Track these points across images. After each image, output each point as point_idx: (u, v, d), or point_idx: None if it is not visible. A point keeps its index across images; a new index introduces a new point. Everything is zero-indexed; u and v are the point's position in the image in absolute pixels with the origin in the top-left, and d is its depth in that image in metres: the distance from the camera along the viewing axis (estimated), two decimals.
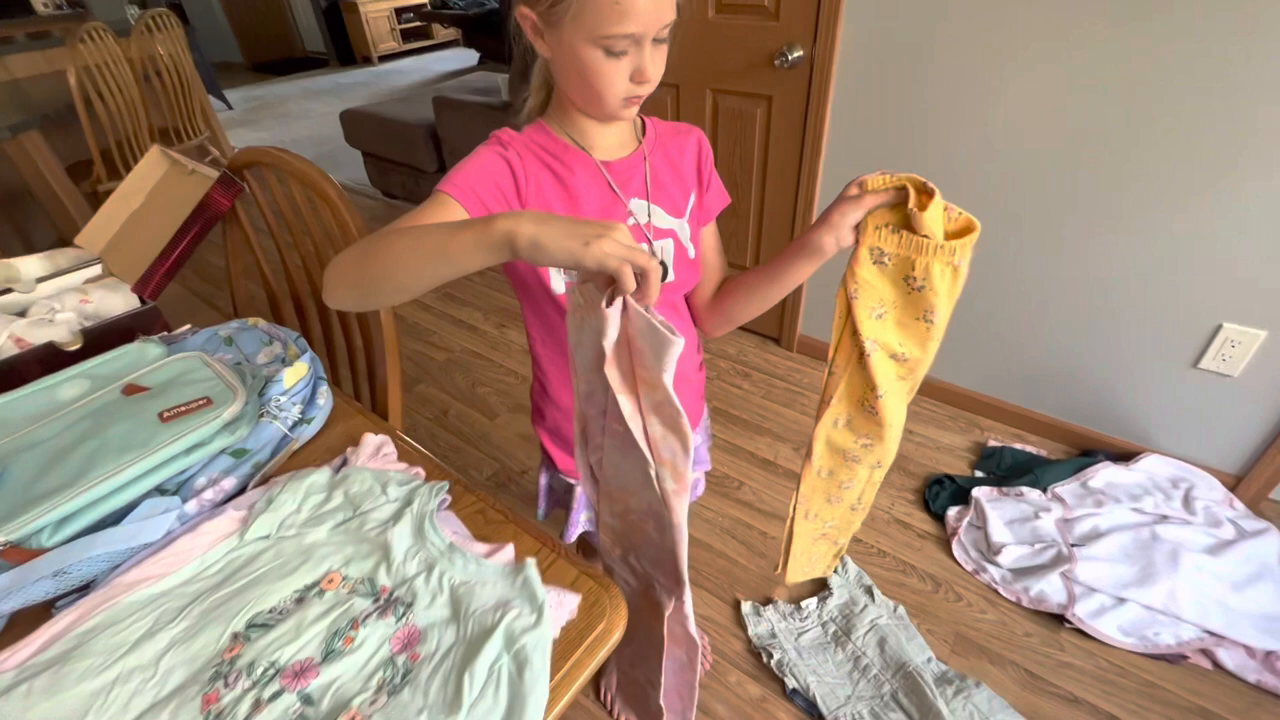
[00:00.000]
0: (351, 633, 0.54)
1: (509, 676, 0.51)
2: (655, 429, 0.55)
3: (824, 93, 1.63)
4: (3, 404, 0.74)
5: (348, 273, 0.55)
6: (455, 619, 0.55)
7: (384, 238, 0.53)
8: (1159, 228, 1.37)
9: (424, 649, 0.54)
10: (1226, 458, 1.52)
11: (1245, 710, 1.17)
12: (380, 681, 0.51)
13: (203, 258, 2.80)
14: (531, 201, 0.66)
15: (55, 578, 0.58)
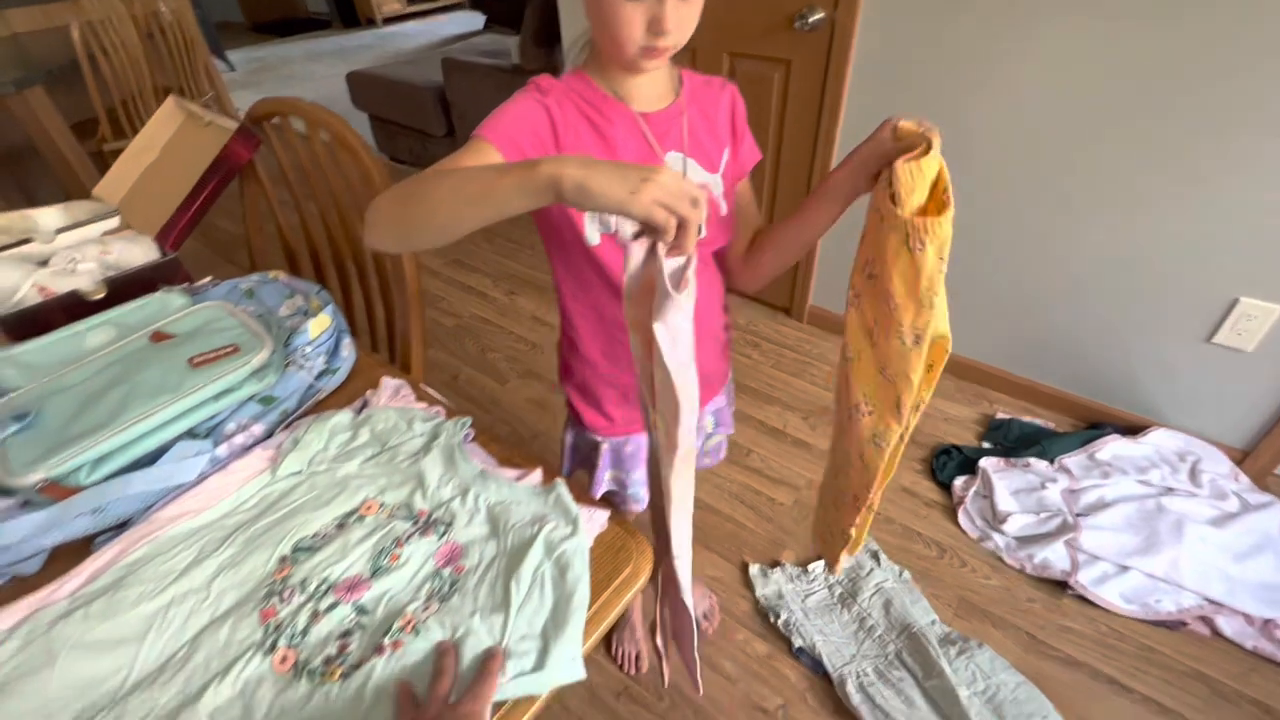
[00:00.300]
0: (396, 550, 0.56)
1: (553, 579, 0.53)
2: (659, 376, 0.55)
3: (844, 57, 1.60)
4: (33, 349, 0.75)
5: (390, 214, 0.56)
6: (494, 535, 0.57)
7: (426, 180, 0.54)
8: (1178, 199, 1.36)
9: (467, 562, 0.56)
10: (1234, 433, 1.53)
11: (1241, 675, 1.19)
12: (429, 591, 0.54)
13: (212, 223, 2.78)
14: (569, 151, 0.65)
15: (94, 514, 0.60)
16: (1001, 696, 1.12)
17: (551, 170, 0.46)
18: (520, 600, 0.52)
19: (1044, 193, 1.51)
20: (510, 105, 0.64)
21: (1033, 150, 1.47)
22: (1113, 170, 1.40)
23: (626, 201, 0.44)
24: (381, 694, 0.47)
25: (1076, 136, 1.41)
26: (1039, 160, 1.48)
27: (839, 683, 1.18)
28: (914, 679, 1.17)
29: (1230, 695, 1.17)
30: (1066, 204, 1.49)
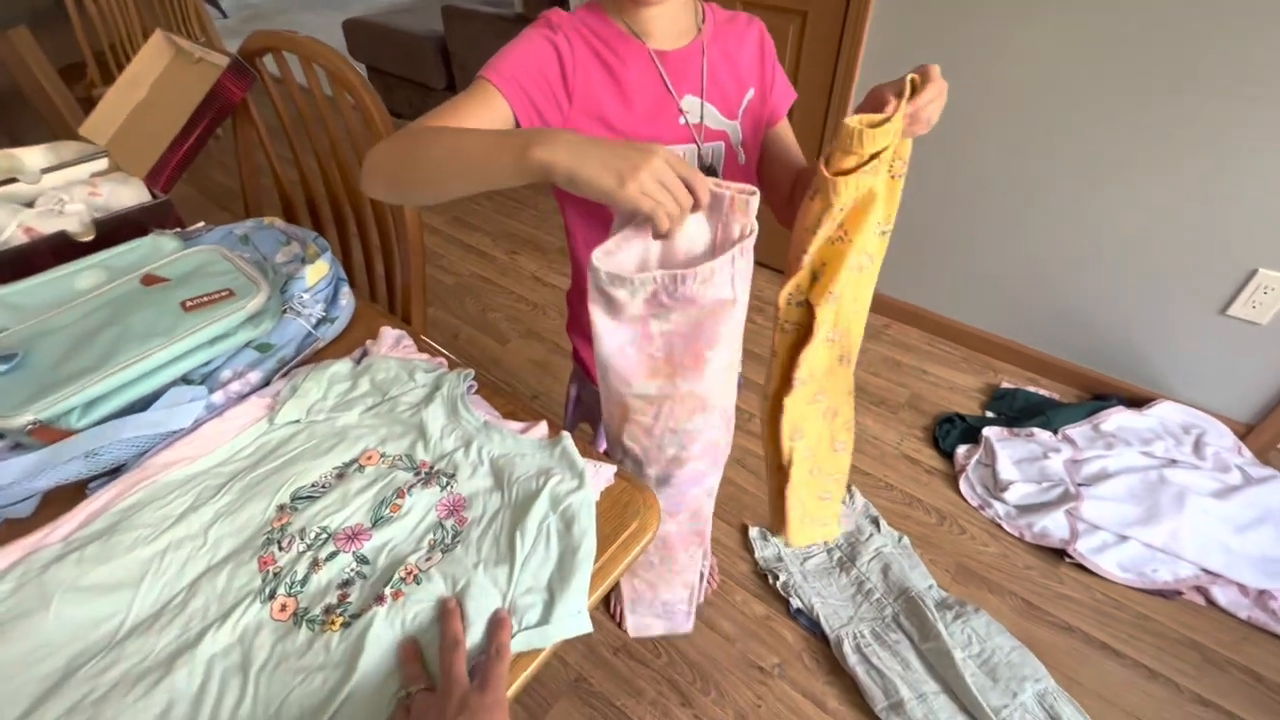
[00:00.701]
0: (398, 500, 0.55)
1: (558, 532, 0.53)
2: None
3: (864, 7, 1.53)
4: (20, 290, 0.72)
5: (386, 169, 0.55)
6: (498, 487, 0.56)
7: (422, 139, 0.53)
8: (1199, 167, 1.31)
9: (470, 514, 0.55)
10: (1241, 407, 1.52)
11: (1233, 644, 1.21)
12: (431, 542, 0.53)
13: (207, 175, 2.72)
14: (579, 95, 0.62)
15: (86, 459, 0.58)
16: (996, 659, 1.13)
17: (544, 157, 0.45)
18: (525, 553, 0.51)
19: (1057, 158, 1.46)
20: (518, 44, 0.60)
21: (1047, 110, 1.42)
22: (1131, 136, 1.36)
23: (614, 192, 0.44)
24: (382, 644, 0.46)
25: (1093, 99, 1.36)
26: (1053, 121, 1.43)
27: (836, 644, 1.19)
28: (910, 641, 1.18)
29: (1221, 662, 1.18)
30: (1081, 171, 1.45)
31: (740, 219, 0.52)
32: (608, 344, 0.55)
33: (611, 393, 0.60)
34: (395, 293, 1.00)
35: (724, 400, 0.64)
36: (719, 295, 0.53)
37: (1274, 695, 1.14)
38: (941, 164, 1.62)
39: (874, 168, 0.55)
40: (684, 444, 0.65)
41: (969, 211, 1.65)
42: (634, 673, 1.19)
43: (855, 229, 0.60)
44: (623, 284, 0.51)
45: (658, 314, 0.54)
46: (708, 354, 0.57)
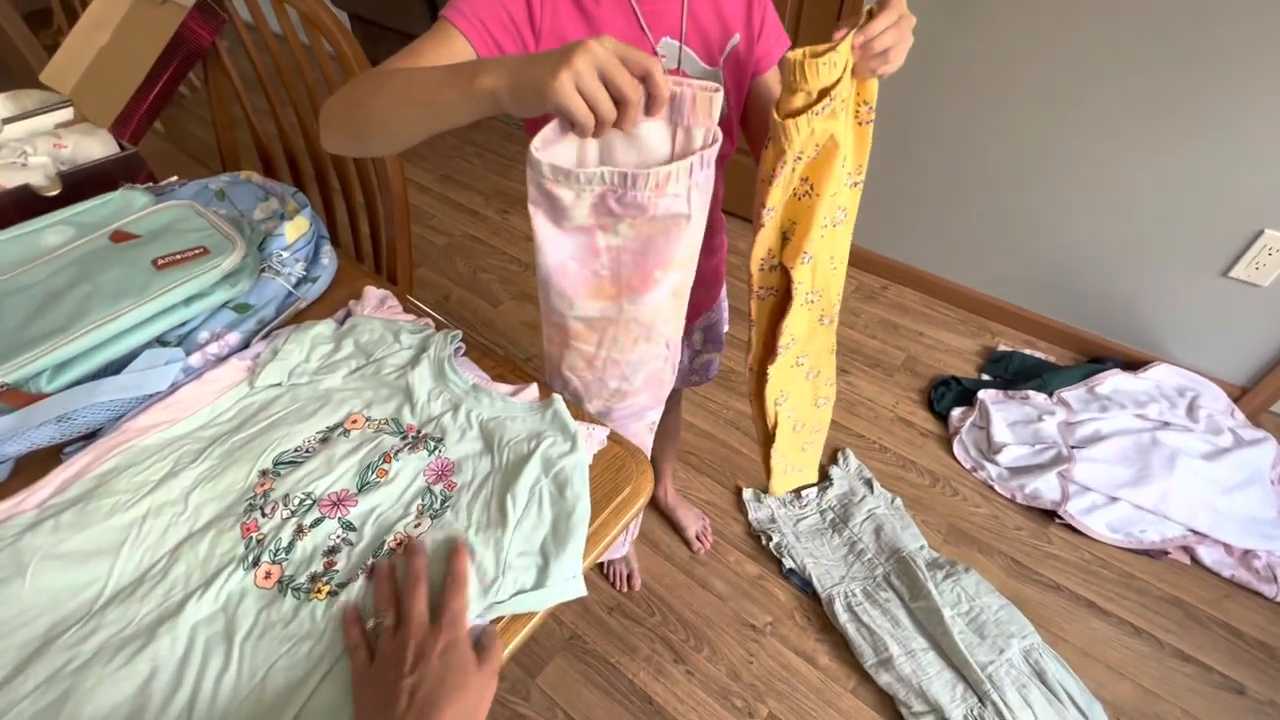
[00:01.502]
0: (384, 465, 0.53)
1: (550, 496, 0.52)
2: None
3: None
4: None
5: (340, 118, 0.53)
6: (488, 451, 0.55)
7: (374, 81, 0.50)
8: (1207, 125, 1.27)
9: (460, 479, 0.53)
10: (1236, 369, 1.52)
11: (1215, 601, 1.23)
12: (420, 508, 0.51)
13: (183, 128, 2.62)
14: (546, 33, 0.58)
15: (59, 423, 0.56)
16: (984, 618, 1.15)
17: (489, 84, 0.42)
18: (517, 517, 0.49)
19: (1060, 117, 1.42)
20: None
21: (1051, 68, 1.37)
22: (1137, 94, 1.31)
23: (544, 92, 0.39)
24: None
25: (1098, 56, 1.31)
26: (1057, 79, 1.38)
27: (827, 602, 1.21)
28: (900, 600, 1.20)
29: (1203, 619, 1.21)
30: (1084, 130, 1.40)
31: (703, 123, 0.46)
32: (550, 256, 0.50)
33: (552, 313, 0.56)
34: (381, 251, 0.96)
35: (669, 329, 0.60)
36: (673, 209, 0.48)
37: (1251, 649, 1.17)
38: (941, 123, 1.57)
39: (828, 110, 0.50)
40: (626, 375, 0.62)
41: (969, 172, 1.61)
42: (628, 631, 1.21)
43: (821, 181, 0.56)
44: (567, 181, 0.45)
45: (605, 225, 0.49)
46: (657, 274, 0.53)
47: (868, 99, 0.55)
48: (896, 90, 1.59)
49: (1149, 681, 1.13)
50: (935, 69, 1.51)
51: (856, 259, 1.94)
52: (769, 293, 0.67)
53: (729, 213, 0.84)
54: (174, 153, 1.06)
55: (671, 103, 0.45)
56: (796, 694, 1.12)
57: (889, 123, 1.64)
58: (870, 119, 0.56)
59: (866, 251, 1.91)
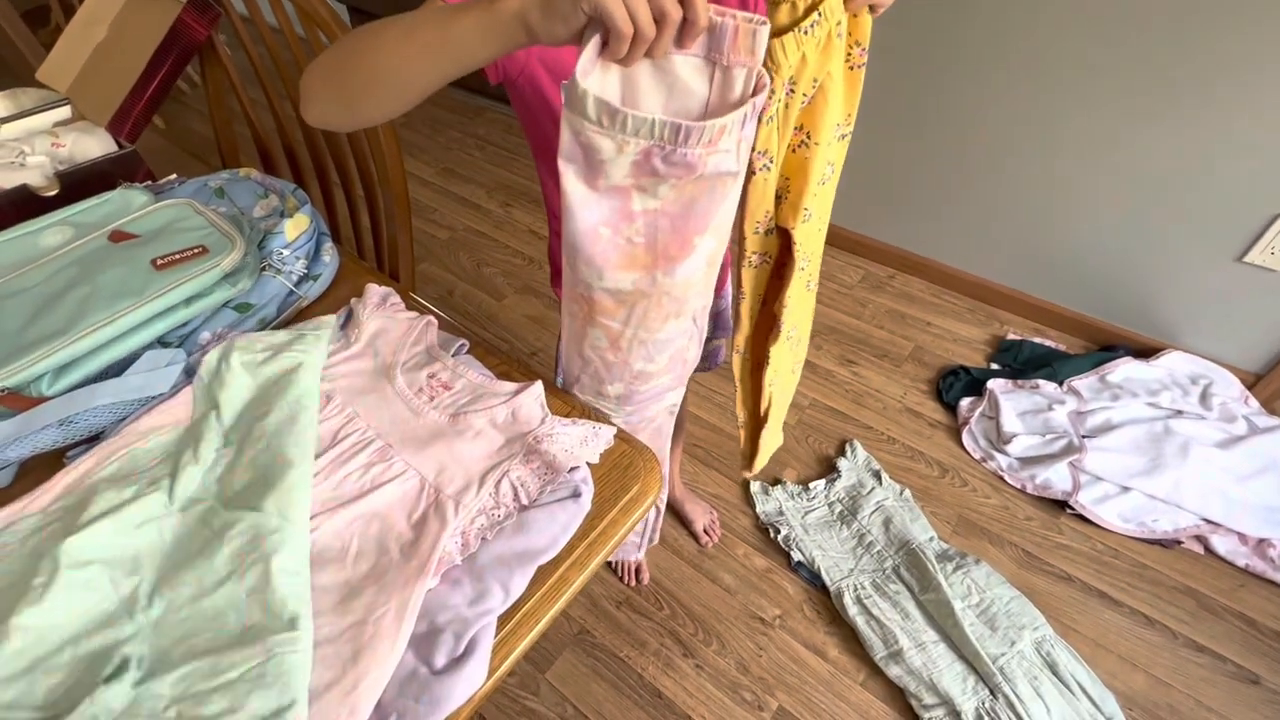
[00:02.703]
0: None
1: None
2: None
3: None
4: None
5: (329, 80, 0.47)
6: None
7: (367, 34, 0.45)
8: (1223, 107, 1.25)
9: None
10: (1250, 356, 1.49)
11: (1230, 591, 1.22)
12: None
13: (184, 124, 2.61)
14: None
15: (61, 426, 0.56)
16: (995, 609, 1.14)
17: (518, 4, 0.38)
18: None
19: (1071, 100, 1.39)
20: None
21: (1063, 49, 1.34)
22: (1150, 75, 1.28)
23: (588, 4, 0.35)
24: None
25: (1111, 36, 1.28)
26: (1068, 60, 1.35)
27: (836, 595, 1.20)
28: (910, 592, 1.19)
29: (1217, 609, 1.20)
30: (1096, 112, 1.38)
31: (745, 61, 0.40)
32: (581, 220, 0.45)
33: (578, 284, 0.51)
34: (383, 247, 0.95)
35: (700, 301, 0.56)
36: (722, 166, 0.43)
37: (1267, 640, 1.16)
38: (949, 108, 1.54)
39: (821, 33, 0.45)
40: (652, 355, 0.57)
41: (977, 158, 1.58)
42: (636, 625, 1.21)
43: (815, 127, 0.51)
44: (612, 125, 0.39)
45: (644, 186, 0.44)
46: (696, 240, 0.47)
47: (860, 39, 0.49)
48: (905, 73, 1.57)
49: (1162, 672, 1.12)
50: (944, 52, 1.48)
51: (863, 248, 1.92)
52: (760, 259, 0.61)
53: None
54: (173, 150, 1.05)
55: (710, 34, 0.39)
56: (806, 687, 1.12)
57: (897, 107, 1.62)
58: (862, 62, 0.51)
59: (873, 240, 1.89)
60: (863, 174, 1.77)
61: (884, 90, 1.60)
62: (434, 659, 0.44)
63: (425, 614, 0.46)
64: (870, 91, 1.73)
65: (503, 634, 0.47)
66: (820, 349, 1.69)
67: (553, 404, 0.60)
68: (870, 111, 1.66)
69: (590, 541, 0.53)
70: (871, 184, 1.78)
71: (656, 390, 0.64)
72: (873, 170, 1.75)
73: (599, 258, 0.47)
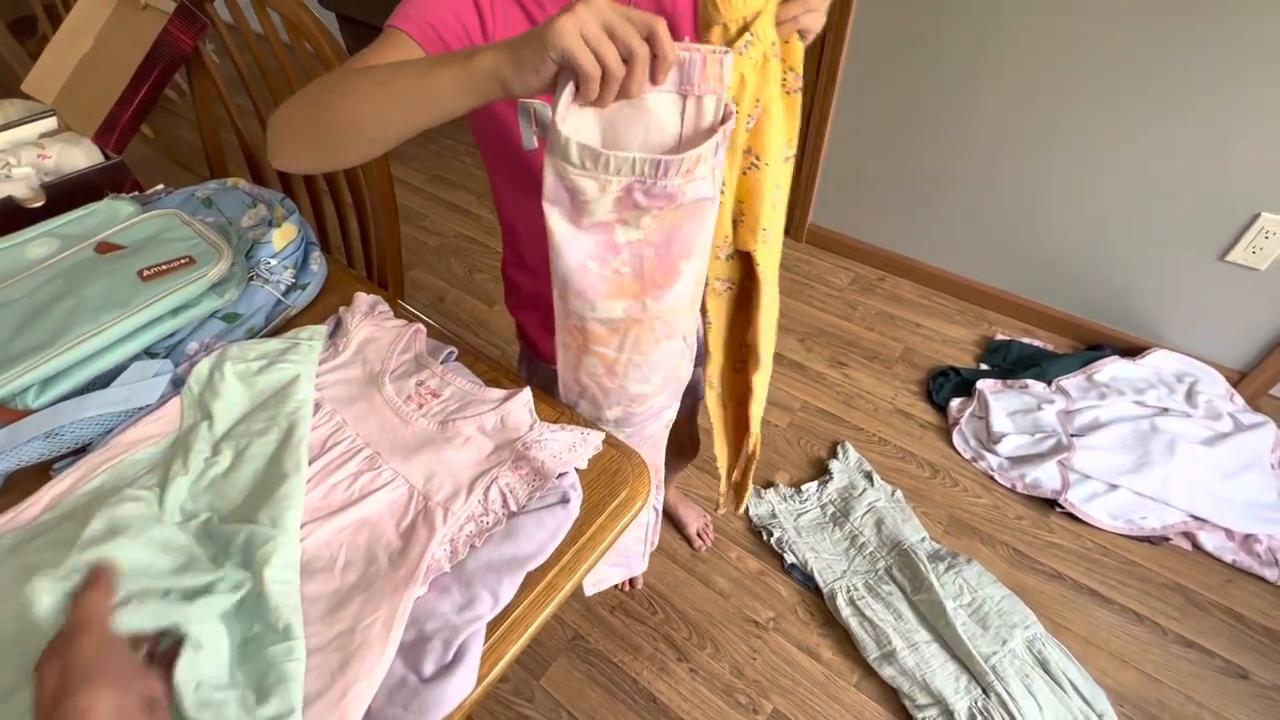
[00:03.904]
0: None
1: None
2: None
3: None
4: None
5: (300, 126, 0.48)
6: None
7: (341, 81, 0.46)
8: (1204, 109, 1.26)
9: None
10: (1234, 354, 1.51)
11: (1218, 586, 1.23)
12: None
13: (174, 134, 2.60)
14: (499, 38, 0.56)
15: (47, 439, 0.55)
16: (987, 609, 1.15)
17: (489, 61, 0.39)
18: None
19: (1055, 103, 1.41)
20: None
21: (1044, 53, 1.36)
22: (1132, 78, 1.30)
23: (547, 39, 0.37)
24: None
25: (1092, 39, 1.30)
26: (1051, 64, 1.37)
27: (829, 597, 1.21)
28: (903, 593, 1.20)
29: (1205, 605, 1.21)
30: (1080, 115, 1.39)
31: (714, 89, 0.42)
32: (568, 257, 0.46)
33: (570, 316, 0.52)
34: (372, 255, 0.96)
35: (689, 322, 0.57)
36: (700, 193, 0.44)
37: (1255, 634, 1.17)
38: (935, 111, 1.56)
39: (757, 55, 0.45)
40: (647, 376, 0.59)
41: (963, 160, 1.60)
42: (630, 630, 1.21)
43: (763, 149, 0.52)
44: (595, 167, 0.40)
45: (627, 219, 0.45)
46: (681, 265, 0.49)
47: (793, 65, 0.50)
48: (890, 78, 1.58)
49: (1152, 668, 1.13)
50: (927, 56, 1.50)
51: (853, 251, 1.93)
52: (725, 285, 0.61)
53: None
54: (161, 160, 1.05)
55: (680, 68, 0.41)
56: (800, 689, 1.12)
57: (883, 111, 1.64)
58: (798, 87, 0.52)
59: (862, 243, 1.91)
60: (852, 177, 1.79)
61: (872, 94, 1.62)
62: (423, 667, 0.44)
63: (414, 622, 0.46)
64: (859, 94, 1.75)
65: (492, 640, 0.48)
66: (811, 351, 1.70)
67: (542, 410, 0.61)
68: (859, 115, 1.68)
69: (579, 547, 0.53)
70: (861, 187, 1.80)
71: (653, 410, 0.65)
72: (862, 174, 1.76)
73: (589, 291, 0.49)
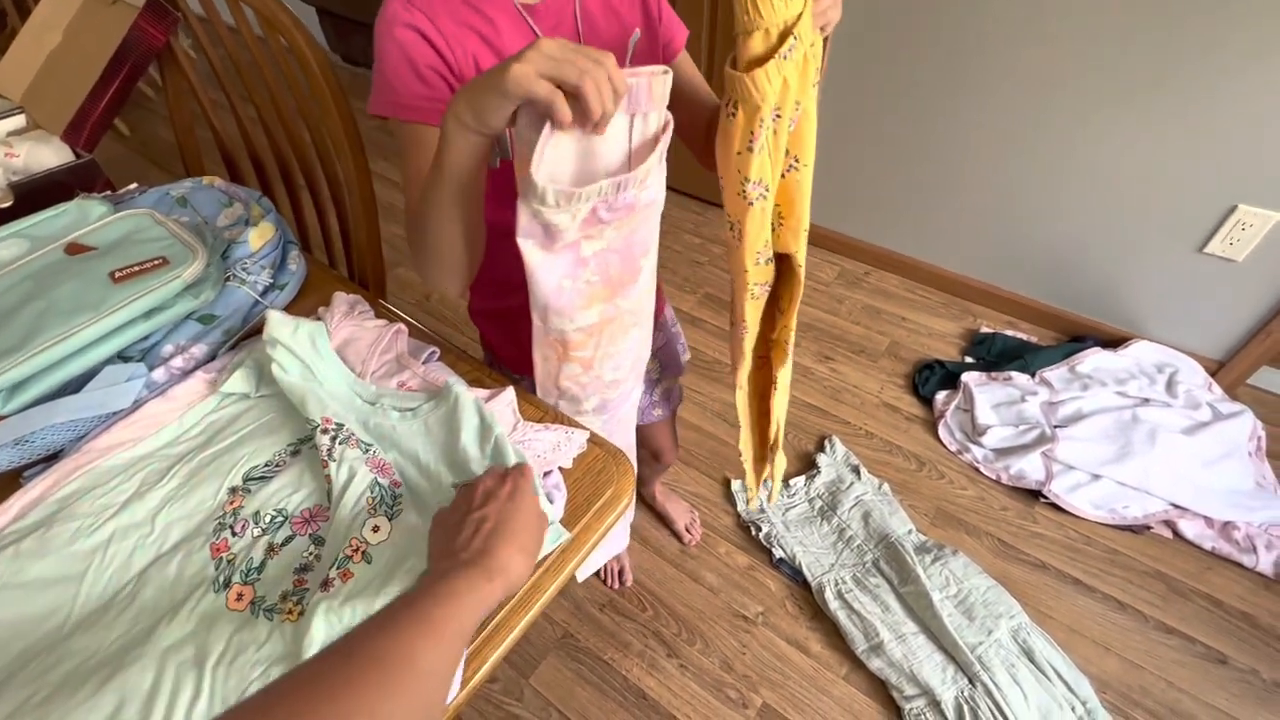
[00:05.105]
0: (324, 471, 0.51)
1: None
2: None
3: None
4: None
5: (426, 260, 0.54)
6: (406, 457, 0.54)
7: (413, 221, 0.54)
8: (1181, 103, 1.28)
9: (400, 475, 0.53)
10: (1213, 344, 1.54)
11: (1197, 573, 1.25)
12: (370, 501, 0.50)
13: (150, 130, 2.55)
14: (465, 71, 0.56)
15: (17, 446, 0.54)
16: (973, 599, 1.16)
17: (450, 118, 0.43)
18: None
19: (1033, 97, 1.42)
20: (385, 60, 0.54)
21: (1026, 50, 1.37)
22: (1110, 72, 1.31)
23: (503, 90, 0.39)
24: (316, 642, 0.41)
25: (1072, 36, 1.31)
26: (1031, 61, 1.37)
27: (818, 590, 1.21)
28: (890, 585, 1.21)
29: (1185, 591, 1.23)
30: (1061, 110, 1.41)
31: (657, 106, 0.45)
32: (544, 283, 0.48)
33: (550, 333, 0.54)
34: (353, 252, 0.94)
35: (651, 305, 0.60)
36: (652, 197, 0.48)
37: (1233, 619, 1.19)
38: (918, 106, 1.56)
39: (796, 57, 0.45)
40: (619, 365, 0.62)
41: (946, 155, 1.61)
42: (620, 627, 1.21)
43: (802, 150, 0.52)
44: (569, 204, 0.43)
45: (591, 234, 0.48)
46: (642, 263, 0.53)
47: (817, 60, 0.50)
48: (875, 73, 1.58)
49: (1134, 655, 1.15)
50: (911, 50, 1.50)
51: (839, 245, 1.94)
52: (763, 289, 0.62)
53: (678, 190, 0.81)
54: (135, 158, 1.03)
55: (630, 94, 0.43)
56: (790, 683, 1.13)
57: (868, 105, 1.64)
58: (818, 81, 0.52)
59: (848, 238, 1.91)
60: (838, 172, 1.79)
61: (858, 88, 1.62)
62: None
63: None
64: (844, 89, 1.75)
65: (477, 642, 0.47)
66: (798, 346, 1.70)
67: (525, 410, 0.60)
68: (845, 109, 1.68)
69: (564, 547, 0.53)
70: (847, 182, 1.80)
71: (625, 393, 0.67)
72: (848, 168, 1.77)
73: (567, 308, 0.51)
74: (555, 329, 0.53)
